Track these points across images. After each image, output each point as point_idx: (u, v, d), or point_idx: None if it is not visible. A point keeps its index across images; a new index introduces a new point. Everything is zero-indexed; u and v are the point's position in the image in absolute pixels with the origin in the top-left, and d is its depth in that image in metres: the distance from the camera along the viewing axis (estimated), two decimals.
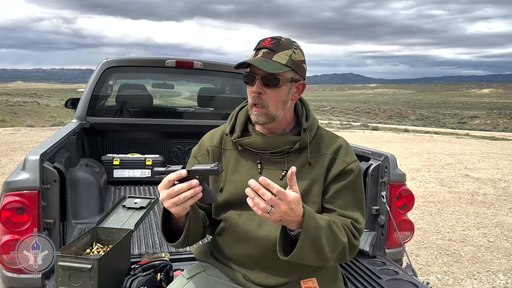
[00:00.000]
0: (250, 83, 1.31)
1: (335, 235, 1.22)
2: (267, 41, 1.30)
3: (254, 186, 1.08)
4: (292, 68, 1.29)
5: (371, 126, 29.26)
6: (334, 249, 1.22)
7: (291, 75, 1.31)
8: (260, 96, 1.29)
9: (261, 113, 1.30)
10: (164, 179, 1.20)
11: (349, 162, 1.36)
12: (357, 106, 70.76)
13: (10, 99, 40.63)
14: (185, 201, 1.16)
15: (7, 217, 1.74)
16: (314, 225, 1.16)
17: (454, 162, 9.98)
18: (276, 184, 1.08)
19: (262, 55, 1.28)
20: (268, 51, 1.28)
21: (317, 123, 1.43)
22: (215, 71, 3.67)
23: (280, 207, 1.08)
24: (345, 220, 1.29)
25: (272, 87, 1.29)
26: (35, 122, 22.25)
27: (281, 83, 1.29)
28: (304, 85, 1.38)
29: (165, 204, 1.19)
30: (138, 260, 1.85)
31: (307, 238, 1.14)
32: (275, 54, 1.27)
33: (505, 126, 42.60)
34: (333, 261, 1.26)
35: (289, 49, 1.30)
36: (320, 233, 1.17)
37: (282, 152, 1.35)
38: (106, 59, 3.40)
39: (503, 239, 4.73)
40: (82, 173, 2.61)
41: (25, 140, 11.14)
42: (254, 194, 1.08)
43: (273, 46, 1.28)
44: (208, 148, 1.44)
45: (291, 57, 1.29)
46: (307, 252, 1.17)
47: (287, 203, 1.08)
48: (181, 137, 3.70)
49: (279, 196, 1.07)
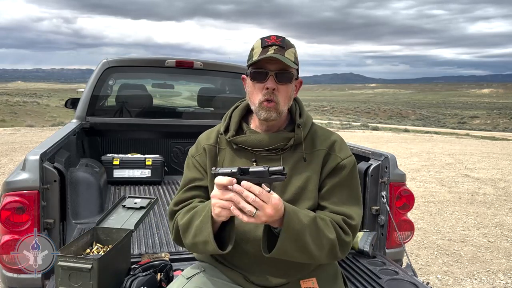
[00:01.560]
0: (262, 79, 1.31)
1: (320, 232, 1.22)
2: (273, 38, 1.31)
3: (238, 189, 1.10)
4: (297, 65, 1.33)
5: (371, 126, 29.27)
6: (320, 246, 1.22)
7: (296, 72, 1.34)
8: (273, 92, 1.30)
9: (273, 109, 1.31)
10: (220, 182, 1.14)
11: (343, 158, 1.36)
12: (357, 106, 70.76)
13: (10, 99, 40.63)
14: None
15: (7, 217, 1.74)
16: (296, 221, 1.17)
17: (454, 162, 9.97)
18: (258, 187, 1.10)
19: (274, 52, 1.28)
20: (279, 48, 1.29)
21: (311, 119, 1.44)
22: (215, 71, 3.67)
23: (266, 210, 1.10)
24: (335, 216, 1.29)
25: (285, 83, 1.31)
26: (35, 122, 22.25)
27: (292, 79, 1.33)
28: (301, 83, 1.41)
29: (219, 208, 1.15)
30: (138, 260, 1.85)
31: (288, 234, 1.16)
32: (285, 51, 1.29)
33: (505, 126, 42.61)
34: (324, 258, 1.26)
35: (293, 47, 1.33)
36: (302, 229, 1.18)
37: (277, 149, 1.36)
38: (106, 59, 3.40)
39: (503, 239, 4.72)
40: (82, 173, 2.61)
41: (25, 140, 11.14)
42: (239, 199, 1.10)
43: (282, 43, 1.30)
44: (205, 146, 1.44)
45: (295, 55, 1.33)
46: (290, 248, 1.18)
47: (272, 206, 1.11)
48: (181, 137, 3.70)
49: (262, 198, 1.09)
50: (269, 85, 1.29)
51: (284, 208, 1.16)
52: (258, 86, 1.32)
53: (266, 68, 1.30)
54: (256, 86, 1.32)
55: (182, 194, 1.41)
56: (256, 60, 1.28)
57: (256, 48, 1.32)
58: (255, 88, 1.33)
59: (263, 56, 1.27)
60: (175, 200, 1.42)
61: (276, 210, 1.12)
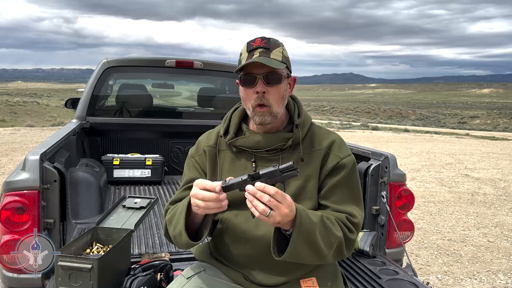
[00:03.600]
0: (251, 84, 1.31)
1: (329, 230, 1.22)
2: (257, 41, 1.31)
3: (251, 190, 1.09)
4: (286, 64, 1.33)
5: (371, 126, 29.25)
6: (329, 245, 1.23)
7: (286, 71, 1.34)
8: (264, 95, 1.30)
9: (266, 113, 1.31)
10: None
11: (342, 157, 1.36)
12: (357, 106, 70.72)
13: (10, 99, 40.64)
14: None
15: (7, 217, 1.74)
16: (307, 221, 1.17)
17: (454, 162, 9.97)
18: (272, 187, 1.09)
19: (259, 55, 1.28)
20: (264, 50, 1.29)
21: (309, 119, 1.44)
22: (215, 71, 3.67)
23: (281, 209, 1.10)
24: (340, 215, 1.30)
25: (274, 84, 1.30)
26: (35, 122, 22.25)
27: (282, 79, 1.32)
28: (295, 80, 1.41)
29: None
30: (138, 260, 1.85)
31: (300, 235, 1.15)
32: (271, 52, 1.29)
33: (505, 126, 42.59)
34: (331, 257, 1.26)
35: (280, 47, 1.32)
36: (313, 229, 1.18)
37: (276, 150, 1.36)
38: (106, 59, 3.40)
39: (503, 239, 4.72)
40: (82, 173, 2.61)
41: (25, 140, 11.14)
42: (252, 198, 1.10)
43: (267, 45, 1.30)
44: (205, 148, 1.45)
45: (283, 53, 1.32)
46: (302, 249, 1.18)
47: (287, 205, 1.10)
48: (181, 137, 3.70)
49: (277, 198, 1.09)
50: (259, 89, 1.29)
51: (296, 209, 1.16)
52: (248, 91, 1.32)
53: (253, 72, 1.30)
54: (247, 91, 1.33)
55: (179, 194, 1.44)
56: (241, 66, 1.29)
57: (243, 53, 1.33)
58: (246, 94, 1.33)
59: (248, 61, 1.27)
60: (173, 198, 1.45)
61: (290, 209, 1.12)
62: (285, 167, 1.13)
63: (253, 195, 1.10)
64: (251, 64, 1.27)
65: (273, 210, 1.09)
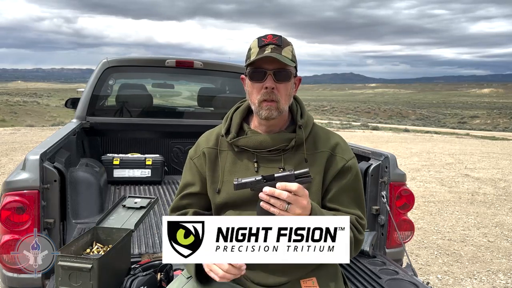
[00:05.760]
0: (260, 79, 1.31)
1: None
2: (269, 37, 1.31)
3: (269, 191, 1.12)
4: (295, 63, 1.33)
5: (371, 126, 29.24)
6: None
7: (294, 70, 1.35)
8: (272, 91, 1.30)
9: (274, 107, 1.31)
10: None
11: (347, 159, 1.37)
12: (357, 106, 70.73)
13: (10, 98, 40.65)
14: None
15: (7, 217, 1.74)
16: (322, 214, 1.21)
17: (454, 162, 9.97)
18: (295, 184, 1.12)
19: (271, 51, 1.28)
20: (276, 47, 1.29)
21: (312, 120, 1.43)
22: (215, 71, 3.67)
23: (300, 202, 1.12)
24: (350, 216, 1.30)
25: (283, 81, 1.31)
26: (35, 122, 22.25)
27: (291, 77, 1.33)
28: (300, 80, 1.42)
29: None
30: (138, 260, 1.85)
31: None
32: (283, 49, 1.30)
33: (505, 126, 42.58)
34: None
35: (290, 45, 1.33)
36: None
37: (278, 150, 1.36)
38: (106, 58, 3.40)
39: (503, 239, 4.72)
40: (82, 173, 2.61)
41: (25, 140, 11.14)
42: (268, 198, 1.12)
43: (278, 42, 1.30)
44: (204, 150, 1.44)
45: (292, 52, 1.33)
46: None
47: (306, 197, 1.14)
48: (181, 137, 3.70)
49: (297, 193, 1.12)
50: (268, 84, 1.29)
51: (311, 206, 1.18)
52: (257, 86, 1.32)
53: (264, 67, 1.30)
54: (255, 86, 1.32)
55: (178, 201, 1.46)
56: (253, 60, 1.28)
57: (253, 48, 1.32)
58: (254, 88, 1.33)
59: (261, 56, 1.27)
60: (172, 206, 1.48)
61: (308, 201, 1.15)
62: (300, 173, 1.15)
63: (270, 195, 1.12)
64: (262, 59, 1.27)
65: (291, 204, 1.12)
